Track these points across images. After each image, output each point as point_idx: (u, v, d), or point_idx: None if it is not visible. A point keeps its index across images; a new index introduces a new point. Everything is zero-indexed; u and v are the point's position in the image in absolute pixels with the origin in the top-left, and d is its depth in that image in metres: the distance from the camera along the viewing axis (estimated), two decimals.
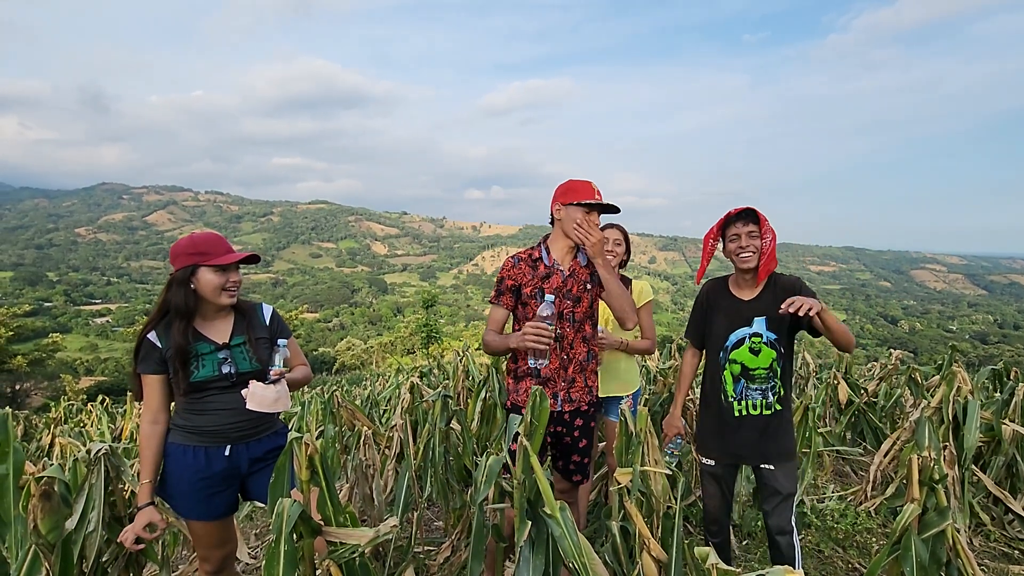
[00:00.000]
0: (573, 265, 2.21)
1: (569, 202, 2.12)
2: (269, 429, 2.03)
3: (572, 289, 2.18)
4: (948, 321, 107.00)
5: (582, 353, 2.23)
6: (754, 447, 2.19)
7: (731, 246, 2.17)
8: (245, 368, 1.92)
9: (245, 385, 1.85)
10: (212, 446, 1.91)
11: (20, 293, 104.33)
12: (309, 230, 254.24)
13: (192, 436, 1.90)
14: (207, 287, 1.87)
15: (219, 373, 1.88)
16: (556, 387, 2.21)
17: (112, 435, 6.17)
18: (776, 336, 2.14)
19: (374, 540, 1.35)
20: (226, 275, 1.89)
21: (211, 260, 1.85)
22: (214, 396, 1.90)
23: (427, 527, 3.44)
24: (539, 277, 2.19)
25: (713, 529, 2.40)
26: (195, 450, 1.89)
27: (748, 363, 2.18)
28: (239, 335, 1.96)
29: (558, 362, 2.20)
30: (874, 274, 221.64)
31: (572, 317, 2.19)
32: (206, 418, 1.90)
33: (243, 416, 1.90)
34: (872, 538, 3.10)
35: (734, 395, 2.22)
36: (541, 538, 1.52)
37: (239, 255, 1.92)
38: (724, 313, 2.25)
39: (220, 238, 1.95)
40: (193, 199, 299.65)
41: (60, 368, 28.32)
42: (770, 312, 2.13)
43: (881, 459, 3.34)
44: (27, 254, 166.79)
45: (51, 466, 1.81)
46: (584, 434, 2.30)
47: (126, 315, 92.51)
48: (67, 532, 1.75)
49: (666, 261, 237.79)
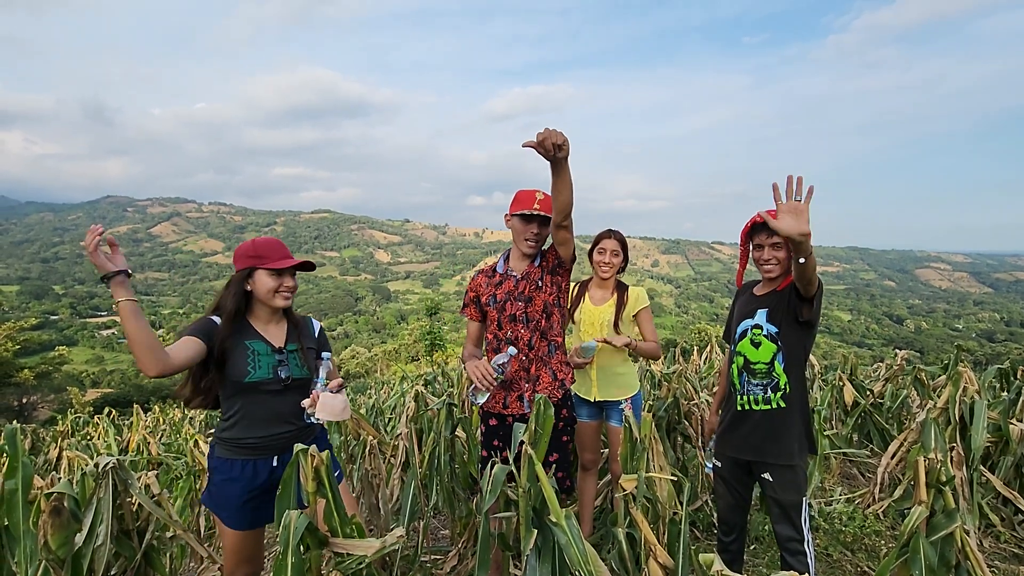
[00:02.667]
0: (527, 269, 2.32)
1: (512, 212, 2.26)
2: (310, 436, 2.08)
3: (524, 291, 2.29)
4: (954, 320, 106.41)
5: (543, 348, 2.31)
6: (752, 444, 2.15)
7: (756, 255, 2.18)
8: (297, 374, 1.99)
9: (295, 391, 1.94)
10: (260, 458, 1.95)
11: (26, 307, 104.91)
12: (312, 239, 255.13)
13: (239, 450, 1.93)
14: (262, 289, 1.94)
15: (274, 376, 1.94)
16: (521, 389, 2.29)
17: (119, 447, 6.18)
18: (778, 329, 2.10)
19: (381, 551, 1.35)
20: (280, 279, 1.96)
21: (267, 264, 1.93)
22: (264, 399, 1.94)
23: (433, 536, 3.44)
24: (493, 285, 2.34)
25: (724, 529, 2.37)
26: (243, 464, 1.92)
27: (749, 356, 2.17)
28: (292, 342, 2.03)
29: (517, 364, 2.29)
30: (878, 274, 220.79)
31: (525, 318, 2.29)
32: (252, 428, 1.93)
33: (290, 425, 1.96)
34: (881, 541, 3.08)
35: (739, 388, 2.21)
36: (547, 546, 1.52)
37: (294, 260, 1.99)
38: (739, 307, 2.28)
39: (279, 243, 2.02)
40: (197, 210, 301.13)
41: (66, 381, 28.43)
42: (771, 304, 2.12)
43: (888, 461, 3.32)
44: (33, 268, 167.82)
45: (59, 480, 1.83)
46: (554, 448, 2.29)
47: None
48: (77, 547, 1.75)
49: (669, 264, 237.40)
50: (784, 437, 2.11)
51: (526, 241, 2.26)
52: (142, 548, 2.12)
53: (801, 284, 1.93)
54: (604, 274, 2.74)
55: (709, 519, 3.19)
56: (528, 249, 2.28)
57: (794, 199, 1.79)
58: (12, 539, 2.08)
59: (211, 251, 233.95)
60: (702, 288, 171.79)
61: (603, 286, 2.81)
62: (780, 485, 2.10)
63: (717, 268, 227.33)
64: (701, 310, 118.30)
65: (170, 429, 8.22)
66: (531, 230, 2.24)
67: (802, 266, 1.85)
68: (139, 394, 25.20)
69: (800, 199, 1.79)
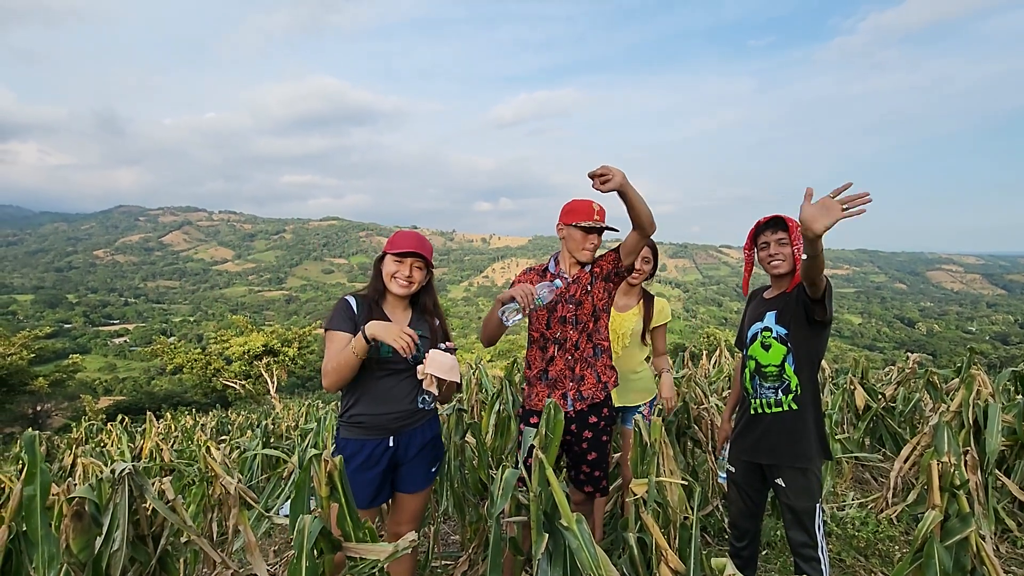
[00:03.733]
0: (578, 273, 2.35)
1: (569, 223, 2.27)
2: (425, 418, 2.18)
3: (575, 294, 2.32)
4: (967, 322, 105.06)
5: (588, 350, 2.34)
6: (765, 447, 2.15)
7: (762, 254, 2.19)
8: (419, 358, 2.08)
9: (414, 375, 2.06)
10: (377, 438, 2.05)
11: (41, 315, 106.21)
12: (321, 246, 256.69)
13: (359, 429, 2.05)
14: (385, 273, 2.11)
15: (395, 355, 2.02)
16: (565, 387, 2.31)
17: (132, 454, 6.25)
18: (787, 331, 2.10)
19: (393, 555, 1.37)
20: (398, 266, 2.08)
21: (391, 249, 2.09)
22: (384, 379, 2.05)
23: (444, 541, 3.44)
24: None
25: (736, 534, 2.36)
26: (364, 443, 2.04)
27: (760, 359, 2.17)
28: (416, 328, 2.12)
29: (562, 363, 2.32)
30: (889, 276, 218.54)
31: (575, 320, 2.32)
32: (370, 405, 2.04)
33: (405, 404, 2.08)
34: (894, 546, 3.05)
35: (751, 392, 2.21)
36: (559, 551, 1.53)
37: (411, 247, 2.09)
38: (750, 312, 2.29)
39: (412, 236, 2.14)
40: (207, 219, 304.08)
41: (80, 388, 28.71)
42: (780, 306, 2.13)
43: (901, 465, 3.29)
44: (47, 277, 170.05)
45: (76, 486, 1.86)
46: (593, 447, 2.32)
47: (143, 334, 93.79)
48: (97, 551, 1.78)
49: (676, 268, 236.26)
50: (797, 440, 2.10)
51: (584, 251, 2.30)
52: (157, 553, 2.15)
53: (807, 282, 1.91)
54: (634, 281, 2.75)
55: (720, 524, 3.17)
56: (585, 258, 2.32)
57: (835, 199, 1.66)
58: (30, 544, 2.11)
59: (221, 259, 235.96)
60: (710, 292, 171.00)
61: (629, 293, 2.80)
62: (793, 490, 2.09)
63: (725, 272, 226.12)
64: (709, 314, 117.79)
65: (182, 436, 8.28)
66: (591, 241, 2.29)
67: (808, 263, 1.81)
68: (151, 401, 25.44)
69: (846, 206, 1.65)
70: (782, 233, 2.12)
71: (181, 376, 29.36)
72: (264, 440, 5.76)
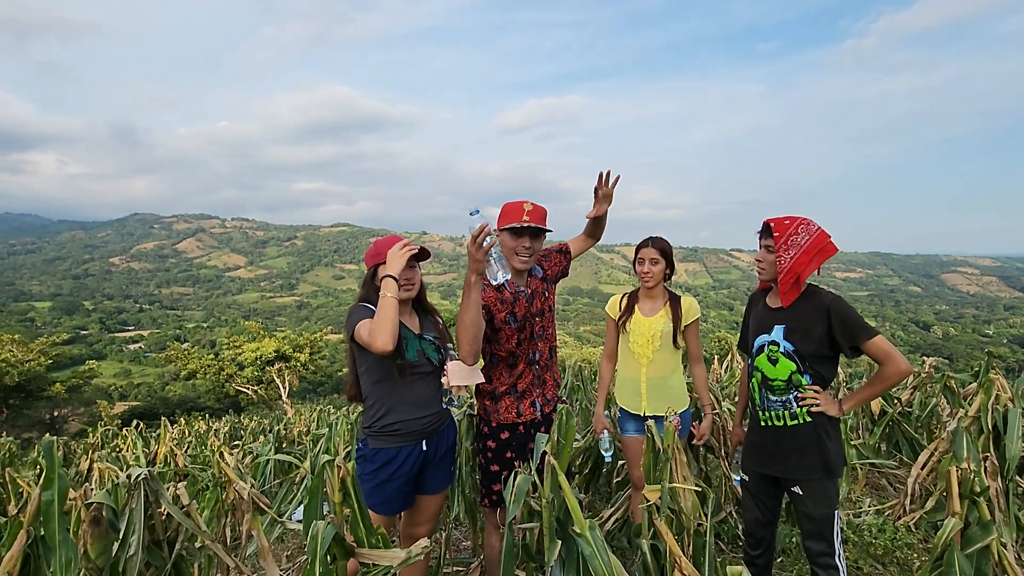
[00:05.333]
0: (532, 283, 2.31)
1: (501, 228, 2.19)
2: (447, 422, 2.22)
3: (539, 307, 2.30)
4: (984, 325, 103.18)
5: (547, 355, 2.36)
6: (778, 459, 2.12)
7: (756, 257, 2.19)
8: (435, 359, 2.14)
9: (435, 376, 2.10)
10: (407, 444, 2.07)
11: (58, 322, 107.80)
12: (332, 253, 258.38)
13: (394, 437, 2.06)
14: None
15: (420, 359, 2.08)
16: (533, 395, 2.32)
17: (147, 459, 6.31)
18: (795, 347, 2.06)
19: (406, 561, 1.37)
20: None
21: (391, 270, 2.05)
22: (411, 383, 2.07)
23: (455, 547, 3.44)
24: (507, 303, 2.25)
25: (751, 542, 2.33)
26: (400, 450, 2.06)
27: (767, 372, 2.14)
28: (428, 331, 2.18)
29: (531, 375, 2.31)
30: (903, 279, 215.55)
31: (543, 332, 2.31)
32: (404, 412, 2.06)
33: (435, 407, 2.11)
34: (913, 554, 2.99)
35: (760, 404, 2.18)
36: (571, 557, 1.52)
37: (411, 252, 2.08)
38: (753, 319, 2.26)
39: (396, 240, 2.12)
40: (220, 226, 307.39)
41: (96, 394, 29.08)
42: (790, 322, 2.08)
43: (919, 471, 3.23)
44: (65, 284, 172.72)
45: (93, 491, 1.88)
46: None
47: (158, 340, 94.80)
48: (122, 557, 1.80)
49: (687, 272, 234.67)
50: (815, 452, 2.06)
51: (518, 256, 2.18)
52: (172, 558, 2.17)
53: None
54: (647, 283, 2.66)
55: (734, 531, 3.13)
56: (521, 265, 2.21)
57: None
58: (48, 549, 2.13)
59: (234, 265, 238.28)
60: (721, 296, 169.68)
61: (651, 296, 2.72)
62: (811, 498, 2.06)
63: (736, 275, 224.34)
64: (721, 318, 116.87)
65: (196, 441, 8.36)
66: (522, 244, 2.18)
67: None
68: (165, 406, 25.68)
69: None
70: (768, 239, 2.10)
71: (194, 382, 29.62)
72: (276, 445, 5.80)
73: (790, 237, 2.03)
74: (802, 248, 2.01)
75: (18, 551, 1.78)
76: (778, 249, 2.05)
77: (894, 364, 1.95)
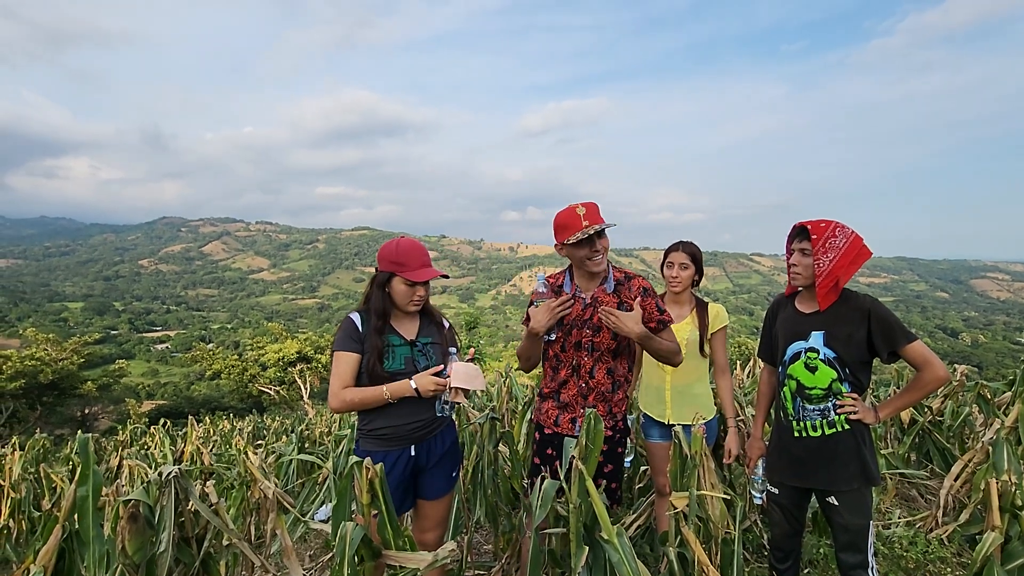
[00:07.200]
0: (597, 292, 2.17)
1: (563, 241, 2.07)
2: (442, 426, 2.19)
3: (592, 318, 2.15)
4: (1015, 333, 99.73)
5: (606, 384, 2.20)
6: (814, 470, 2.06)
7: (789, 262, 2.13)
8: (427, 364, 2.11)
9: None
10: (395, 448, 2.07)
11: (90, 322, 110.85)
12: (352, 256, 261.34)
13: (380, 442, 2.07)
14: (397, 294, 2.07)
15: (407, 367, 2.06)
16: (575, 412, 2.23)
17: (174, 457, 6.44)
18: (836, 355, 2.00)
19: (433, 564, 1.37)
20: (414, 289, 2.06)
21: (405, 272, 2.02)
22: None
23: (476, 551, 3.43)
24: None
25: (778, 555, 2.28)
26: (387, 454, 2.06)
27: (804, 381, 2.07)
28: (427, 335, 2.15)
29: (575, 389, 2.21)
30: (929, 285, 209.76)
31: (591, 346, 2.16)
32: (391, 418, 2.05)
33: (424, 414, 2.09)
34: (947, 568, 2.90)
35: (793, 414, 2.11)
36: (598, 564, 1.51)
37: (430, 273, 2.07)
38: (782, 325, 2.18)
39: (420, 250, 2.08)
40: (245, 229, 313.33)
41: (124, 392, 29.81)
42: (829, 327, 2.02)
43: (952, 483, 3.14)
44: (96, 285, 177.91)
45: (124, 488, 1.92)
46: (609, 459, 2.26)
47: (184, 341, 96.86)
48: (151, 553, 1.84)
49: (707, 277, 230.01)
50: (850, 459, 2.02)
51: (589, 261, 2.08)
52: (200, 555, 2.21)
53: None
54: (675, 288, 2.61)
55: (759, 540, 3.08)
56: (596, 267, 2.10)
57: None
58: (82, 544, 2.19)
59: (257, 268, 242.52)
60: (741, 301, 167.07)
61: (677, 301, 2.66)
62: (848, 508, 2.01)
63: (757, 280, 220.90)
64: (740, 323, 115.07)
65: (220, 440, 8.50)
66: (592, 249, 2.05)
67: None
68: (190, 405, 26.23)
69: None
70: (805, 242, 2.03)
71: (219, 381, 30.20)
72: (299, 445, 5.87)
73: (828, 240, 1.98)
74: (841, 251, 1.96)
75: (54, 545, 1.84)
76: (815, 252, 1.99)
77: (933, 371, 1.89)
